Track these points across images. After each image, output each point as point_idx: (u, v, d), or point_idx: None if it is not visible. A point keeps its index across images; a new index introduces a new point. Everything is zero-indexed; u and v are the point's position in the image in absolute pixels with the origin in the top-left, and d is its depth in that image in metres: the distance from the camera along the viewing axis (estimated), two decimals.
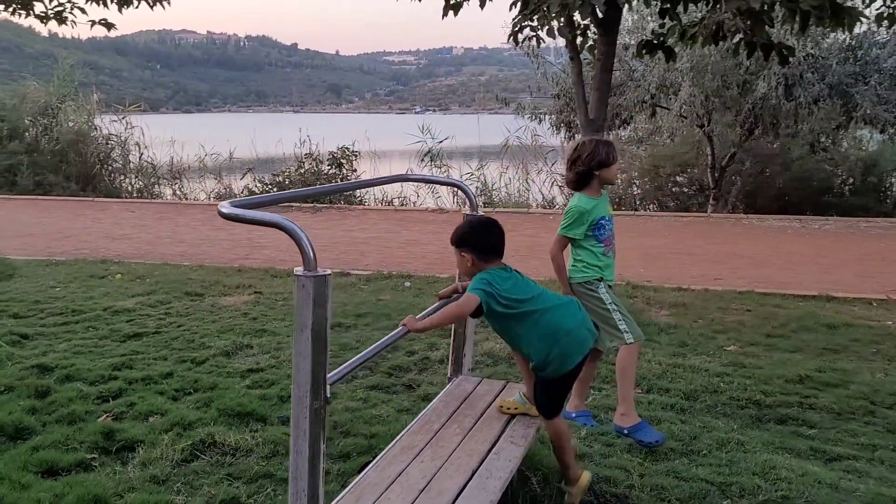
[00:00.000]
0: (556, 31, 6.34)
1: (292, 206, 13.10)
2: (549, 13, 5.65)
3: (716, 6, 5.32)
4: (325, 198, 13.81)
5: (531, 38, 6.62)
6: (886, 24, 5.88)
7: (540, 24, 6.30)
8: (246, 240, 10.00)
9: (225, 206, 2.07)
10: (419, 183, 14.23)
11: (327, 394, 2.06)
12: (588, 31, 6.56)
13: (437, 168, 15.26)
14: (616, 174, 3.88)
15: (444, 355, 4.86)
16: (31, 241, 9.92)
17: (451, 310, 2.75)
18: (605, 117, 6.74)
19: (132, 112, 18.00)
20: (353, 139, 15.58)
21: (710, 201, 14.23)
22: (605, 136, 8.13)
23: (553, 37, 6.45)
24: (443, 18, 6.48)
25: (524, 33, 6.53)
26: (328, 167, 14.78)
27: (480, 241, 2.83)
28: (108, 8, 7.52)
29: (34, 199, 14.32)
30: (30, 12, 7.59)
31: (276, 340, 5.30)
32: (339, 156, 14.85)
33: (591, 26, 6.42)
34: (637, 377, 4.59)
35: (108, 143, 16.89)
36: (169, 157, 17.11)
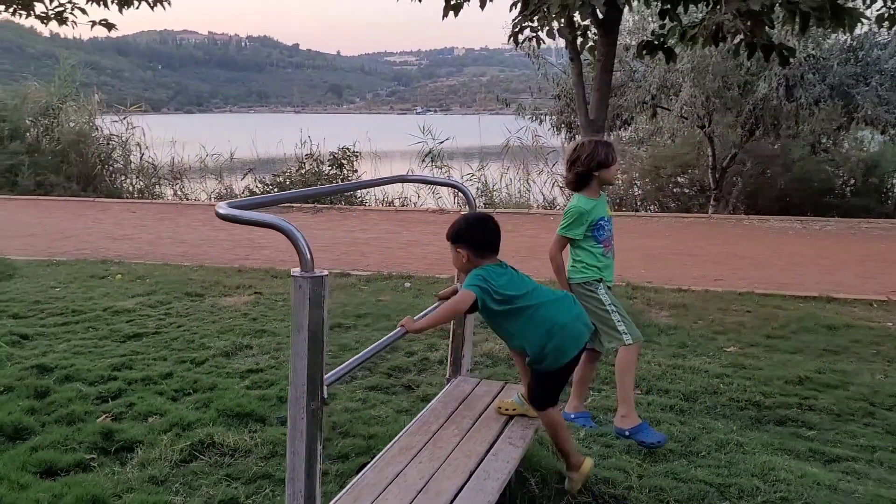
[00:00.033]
0: (556, 31, 6.34)
1: (293, 207, 13.11)
2: (549, 14, 5.65)
3: (716, 7, 5.32)
4: (326, 198, 13.82)
5: (531, 38, 6.62)
6: (887, 24, 5.88)
7: (540, 24, 6.29)
8: (246, 240, 10.00)
9: (222, 207, 2.07)
10: (419, 184, 14.22)
11: (324, 395, 2.06)
12: (588, 31, 6.55)
13: (438, 169, 15.25)
14: (615, 175, 3.88)
15: (443, 356, 4.86)
16: (32, 242, 9.93)
17: (447, 307, 2.75)
18: (605, 118, 6.73)
19: (133, 112, 18.04)
20: (354, 140, 15.59)
21: (710, 202, 14.22)
22: (606, 136, 8.13)
23: (553, 37, 6.45)
24: (443, 19, 6.48)
25: (524, 34, 6.52)
26: (329, 168, 14.78)
27: (476, 238, 2.82)
28: (108, 8, 7.54)
29: (35, 200, 14.34)
30: (30, 13, 7.60)
31: (275, 341, 5.30)
32: (339, 156, 14.86)
33: (591, 27, 6.41)
34: (637, 378, 4.59)
35: (109, 144, 16.90)
36: (170, 158, 17.11)
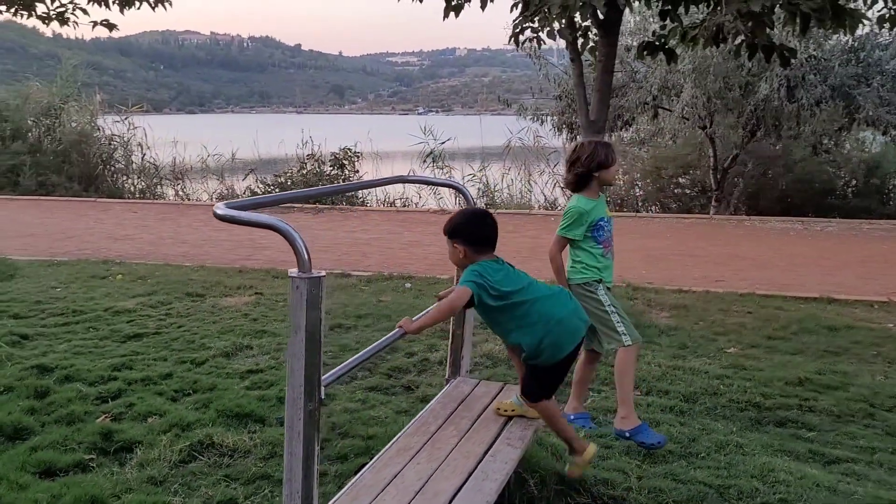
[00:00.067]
0: (556, 32, 6.33)
1: (294, 207, 13.11)
2: (549, 15, 5.64)
3: (716, 8, 5.31)
4: (328, 199, 13.82)
5: (532, 39, 6.62)
6: (888, 25, 5.86)
7: (541, 25, 6.29)
8: (248, 240, 10.00)
9: (220, 208, 2.06)
10: (418, 184, 14.21)
11: (322, 395, 2.06)
12: (589, 32, 6.54)
13: (440, 169, 15.23)
14: (615, 175, 3.88)
15: (443, 357, 4.85)
16: (34, 242, 9.94)
17: (444, 305, 2.73)
18: (606, 119, 6.72)
19: (135, 113, 18.04)
20: (356, 140, 15.58)
21: (712, 203, 14.22)
22: (607, 137, 8.13)
23: (554, 38, 6.44)
24: (444, 20, 6.46)
25: (525, 35, 6.52)
26: (330, 168, 14.78)
27: (474, 233, 2.81)
28: (109, 9, 7.53)
29: (37, 200, 14.35)
30: (32, 13, 7.60)
31: (276, 341, 5.30)
32: (341, 157, 14.86)
33: (591, 28, 6.40)
34: (637, 379, 4.58)
35: (110, 144, 16.91)
36: (171, 158, 17.12)
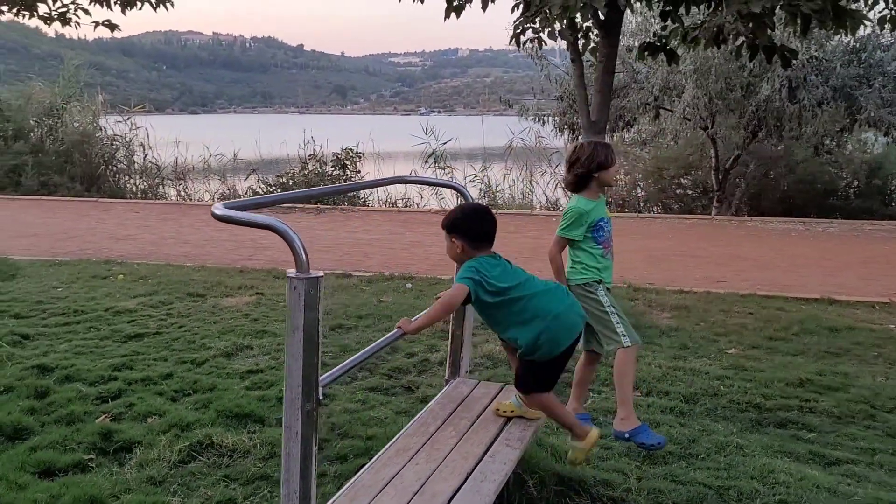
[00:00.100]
0: (557, 33, 6.33)
1: (296, 208, 13.12)
2: (550, 15, 5.64)
3: (717, 9, 5.30)
4: (329, 199, 13.82)
5: (533, 40, 6.62)
6: (889, 26, 5.85)
7: (542, 26, 6.28)
8: (249, 241, 10.00)
9: (219, 208, 2.06)
10: (417, 185, 14.20)
11: (319, 396, 2.06)
12: (590, 33, 6.54)
13: (442, 170, 15.23)
14: (615, 176, 3.88)
15: (443, 357, 4.84)
16: (36, 242, 9.95)
17: (441, 303, 2.72)
18: (607, 119, 6.72)
19: (137, 113, 18.07)
20: (358, 140, 15.58)
21: (713, 204, 14.21)
22: (608, 138, 8.12)
23: (555, 39, 6.43)
24: (445, 20, 6.45)
25: (526, 35, 6.52)
26: (332, 168, 14.78)
27: (472, 229, 2.80)
28: (111, 9, 7.54)
29: (39, 200, 14.37)
30: (34, 13, 7.60)
31: (276, 342, 5.30)
32: (342, 157, 14.86)
33: (592, 28, 6.40)
34: (637, 380, 4.58)
35: (112, 144, 16.93)
36: (173, 158, 17.13)
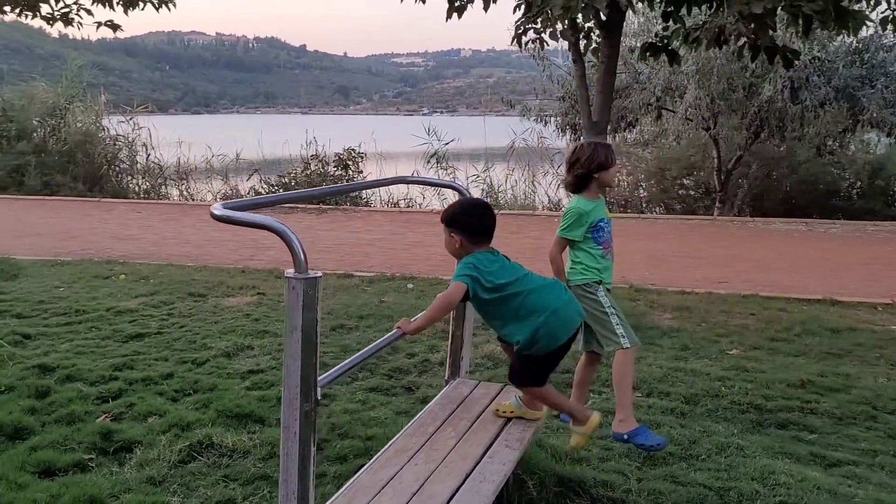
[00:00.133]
0: (559, 33, 6.32)
1: (298, 208, 13.13)
2: (551, 16, 5.63)
3: (718, 10, 5.29)
4: (331, 199, 13.83)
5: (535, 41, 6.61)
6: (892, 27, 5.84)
7: (543, 26, 6.28)
8: (251, 241, 10.01)
9: (217, 208, 2.06)
10: (417, 185, 14.18)
11: (318, 396, 2.05)
12: (592, 33, 6.54)
13: (444, 170, 15.24)
14: (614, 177, 3.88)
15: (444, 357, 4.84)
16: (38, 241, 9.96)
17: (439, 302, 2.71)
18: (608, 120, 6.71)
19: (140, 113, 18.08)
20: (360, 141, 15.59)
21: (716, 204, 14.19)
22: (610, 138, 8.10)
23: (556, 39, 6.42)
24: (447, 20, 6.45)
25: (528, 36, 6.51)
26: (334, 169, 14.79)
27: (472, 224, 2.79)
28: (114, 10, 7.55)
29: (42, 200, 14.39)
30: (36, 14, 7.61)
31: (277, 342, 5.30)
32: (344, 157, 14.86)
33: (594, 29, 6.39)
34: (638, 381, 4.58)
35: (115, 144, 16.96)
36: (176, 158, 17.15)
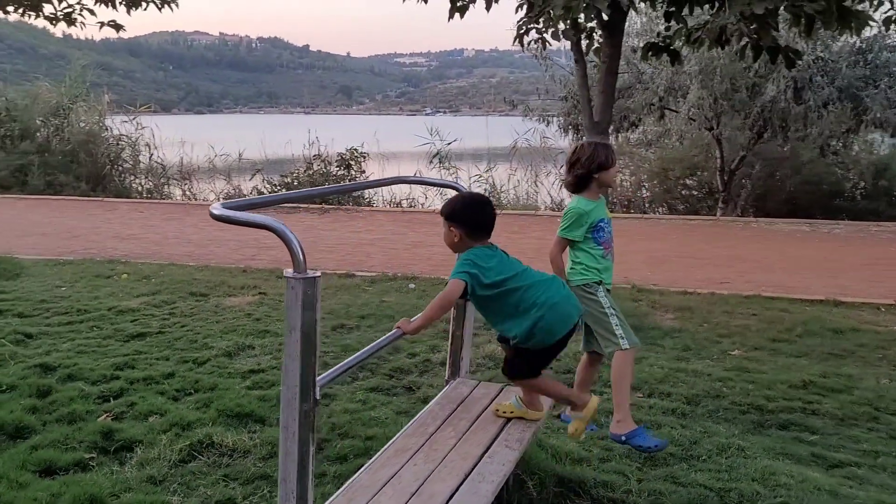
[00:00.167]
0: (561, 33, 6.32)
1: (300, 208, 13.14)
2: (553, 16, 5.63)
3: (720, 10, 5.28)
4: (334, 199, 13.84)
5: (537, 40, 6.61)
6: (894, 27, 5.82)
7: (545, 26, 6.28)
8: (253, 240, 10.01)
9: (216, 208, 2.06)
10: (417, 185, 14.17)
11: (317, 396, 2.05)
12: (594, 33, 6.53)
13: (446, 170, 15.25)
14: (615, 177, 3.87)
15: (445, 357, 4.85)
16: (41, 241, 9.98)
17: (438, 301, 2.71)
18: (610, 120, 6.71)
19: (143, 113, 18.10)
20: (363, 141, 15.60)
21: (719, 204, 14.17)
22: (612, 138, 8.09)
23: (558, 39, 6.42)
24: (449, 20, 6.45)
25: (530, 36, 6.51)
26: (337, 168, 14.79)
27: (472, 218, 2.78)
28: (116, 10, 7.56)
29: (45, 199, 14.41)
30: (39, 13, 7.63)
31: (278, 341, 5.30)
32: (347, 157, 14.87)
33: (596, 29, 6.39)
34: (639, 381, 4.58)
35: (118, 144, 16.98)
36: (179, 158, 17.18)
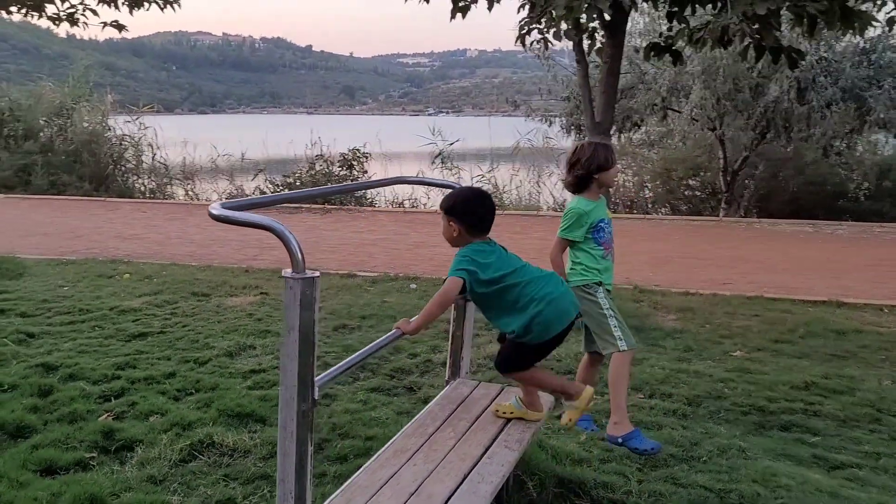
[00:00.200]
0: (562, 33, 6.31)
1: (302, 208, 13.14)
2: (555, 16, 5.62)
3: (722, 10, 5.27)
4: (336, 199, 13.84)
5: (539, 41, 6.60)
6: None
7: (547, 26, 6.27)
8: (255, 240, 10.01)
9: (216, 208, 2.06)
10: (416, 185, 14.16)
11: (315, 396, 2.05)
12: (596, 33, 6.52)
13: (448, 170, 15.24)
14: (615, 177, 3.87)
15: (446, 358, 4.85)
16: (44, 241, 10.00)
17: (436, 299, 2.70)
18: (612, 120, 6.70)
19: (146, 113, 18.12)
20: (366, 141, 15.59)
21: (722, 205, 14.14)
22: (615, 138, 8.08)
23: (560, 39, 6.40)
24: (451, 20, 6.45)
25: (532, 36, 6.51)
26: (339, 168, 14.80)
27: (471, 213, 2.78)
28: (119, 10, 7.58)
29: (48, 199, 14.44)
30: (42, 14, 7.65)
31: (279, 341, 5.29)
32: (349, 157, 14.87)
33: (598, 29, 6.38)
34: (640, 382, 4.57)
35: (121, 144, 17.00)
36: (182, 158, 17.19)
